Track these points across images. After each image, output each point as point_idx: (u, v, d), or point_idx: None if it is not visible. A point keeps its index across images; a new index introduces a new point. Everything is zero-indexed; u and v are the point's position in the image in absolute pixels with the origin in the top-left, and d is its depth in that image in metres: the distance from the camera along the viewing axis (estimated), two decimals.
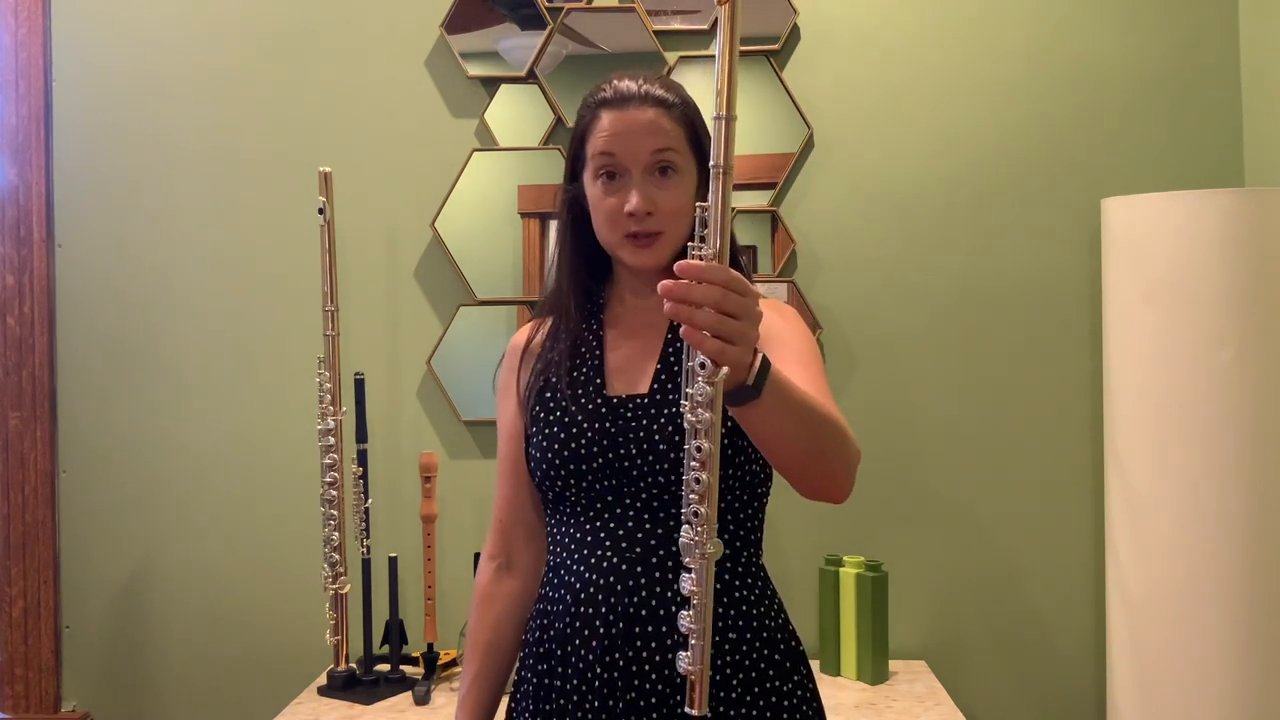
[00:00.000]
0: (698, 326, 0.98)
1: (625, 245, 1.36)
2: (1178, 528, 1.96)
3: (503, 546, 1.48)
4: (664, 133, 1.35)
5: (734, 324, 0.98)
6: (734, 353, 0.99)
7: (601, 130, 1.36)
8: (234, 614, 2.42)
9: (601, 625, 1.32)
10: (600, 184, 1.37)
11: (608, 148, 1.35)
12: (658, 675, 1.30)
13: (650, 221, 1.34)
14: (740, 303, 0.99)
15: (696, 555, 1.03)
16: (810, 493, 1.22)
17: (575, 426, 1.36)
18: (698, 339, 0.99)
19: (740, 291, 0.99)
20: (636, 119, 1.35)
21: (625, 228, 1.35)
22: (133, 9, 2.43)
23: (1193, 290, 1.94)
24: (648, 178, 1.35)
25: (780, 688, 1.34)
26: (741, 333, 0.99)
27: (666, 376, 1.37)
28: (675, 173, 1.36)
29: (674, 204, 1.35)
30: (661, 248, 1.36)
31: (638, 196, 1.33)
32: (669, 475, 1.31)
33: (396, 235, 2.41)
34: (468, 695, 1.47)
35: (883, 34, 2.36)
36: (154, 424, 2.43)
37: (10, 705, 2.42)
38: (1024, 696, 2.37)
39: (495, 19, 2.38)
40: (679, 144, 1.36)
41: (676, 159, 1.36)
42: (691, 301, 0.98)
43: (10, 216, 2.42)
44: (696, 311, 0.98)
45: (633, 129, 1.34)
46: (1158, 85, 2.34)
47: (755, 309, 1.01)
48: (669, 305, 0.99)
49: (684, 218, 1.36)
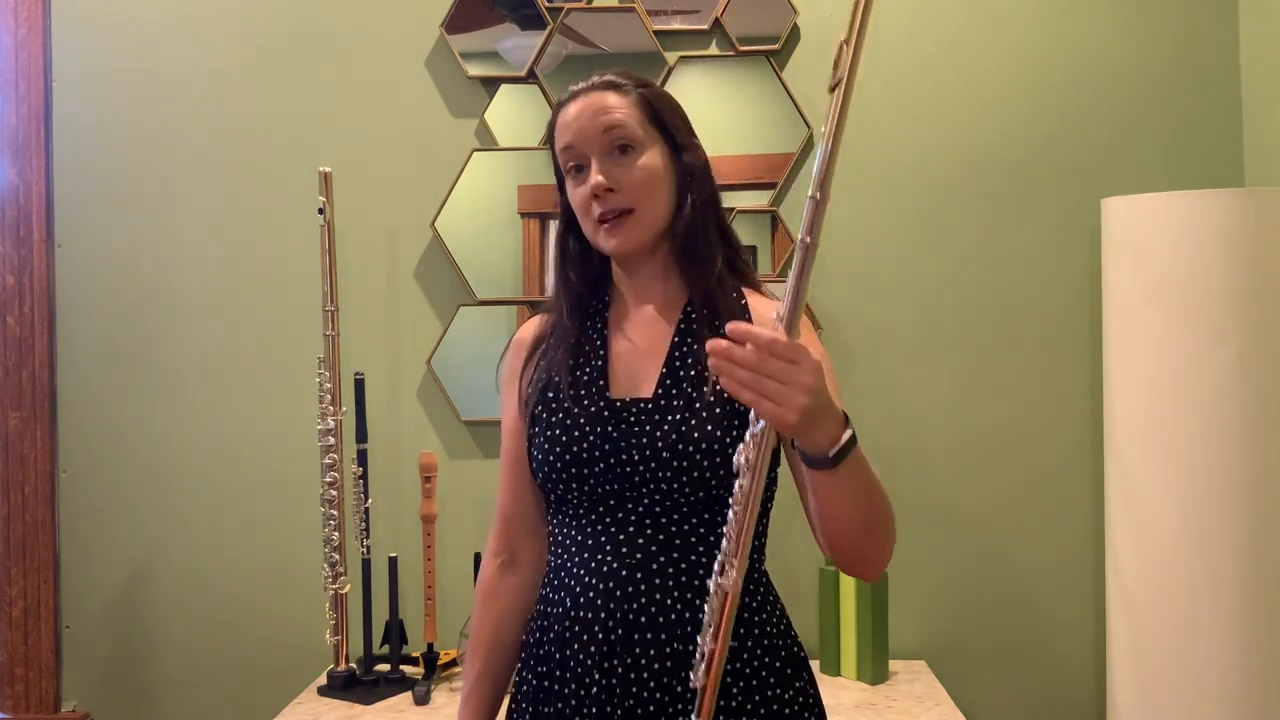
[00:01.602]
0: (734, 381, 1.04)
1: (600, 231, 1.36)
2: (1178, 527, 1.96)
3: (506, 543, 1.47)
4: (613, 110, 1.35)
5: (772, 386, 1.03)
6: (769, 408, 1.04)
7: (560, 128, 1.38)
8: (234, 614, 2.42)
9: (600, 631, 1.30)
10: (571, 179, 1.38)
11: (567, 141, 1.36)
12: (656, 684, 1.28)
13: (614, 199, 1.34)
14: (780, 368, 1.03)
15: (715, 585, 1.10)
16: (847, 565, 1.28)
17: (577, 429, 1.35)
18: (735, 390, 1.04)
19: (786, 358, 1.03)
20: (588, 104, 1.36)
21: (595, 211, 1.35)
22: (133, 9, 2.43)
23: (1193, 290, 1.94)
24: (606, 159, 1.35)
25: (781, 695, 1.33)
26: (780, 395, 1.03)
27: (671, 381, 1.35)
28: (634, 149, 1.35)
29: (636, 178, 1.34)
30: (633, 227, 1.35)
31: (596, 174, 1.34)
32: (671, 482, 1.30)
33: (396, 235, 2.41)
34: (471, 694, 1.45)
35: (883, 35, 2.36)
36: (154, 424, 2.43)
37: (10, 705, 2.42)
38: (1024, 696, 2.37)
39: (495, 19, 2.38)
40: (633, 119, 1.36)
41: (633, 134, 1.35)
42: (733, 361, 1.03)
43: (10, 216, 2.42)
44: (735, 369, 1.03)
45: (583, 115, 1.35)
46: (1158, 85, 2.34)
47: (802, 378, 1.03)
48: (712, 360, 1.05)
49: (654, 193, 1.36)
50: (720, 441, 1.30)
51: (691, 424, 1.31)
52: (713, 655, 1.12)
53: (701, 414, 1.31)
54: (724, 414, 1.30)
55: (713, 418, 1.31)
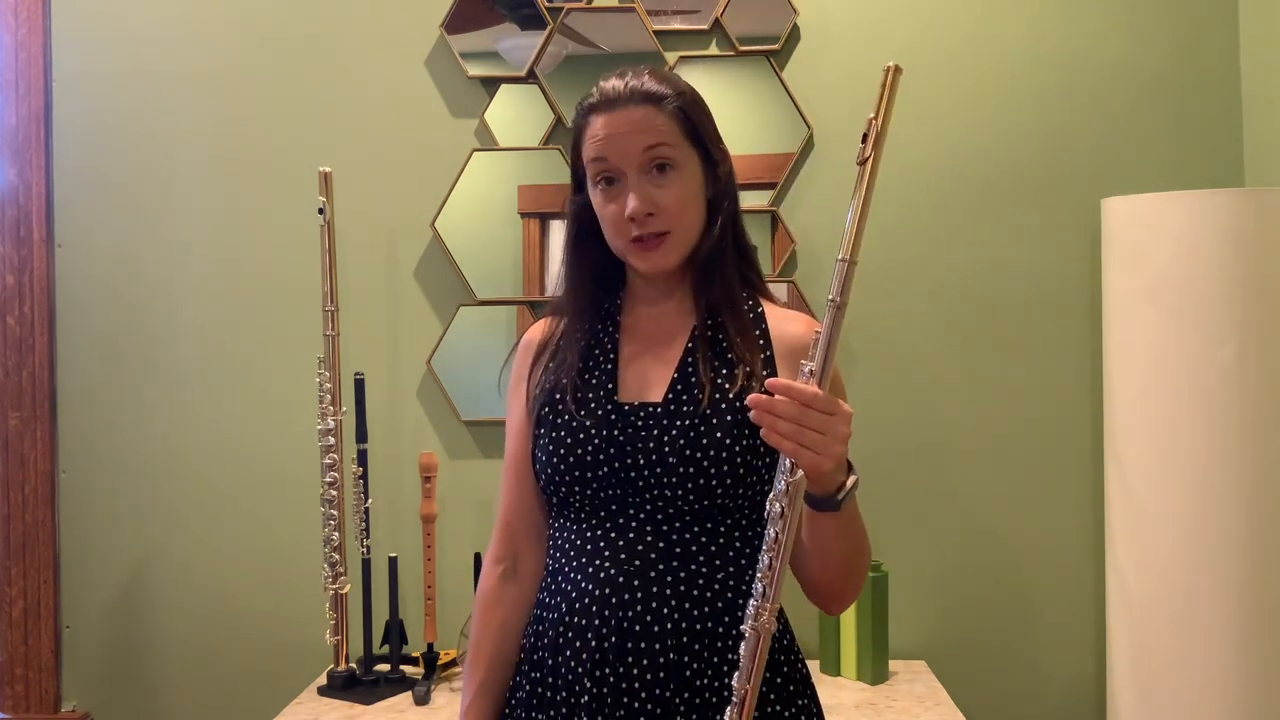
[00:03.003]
0: (776, 433, 1.09)
1: (632, 250, 1.33)
2: (1178, 527, 1.96)
3: (508, 549, 1.42)
4: (656, 130, 1.31)
5: (813, 437, 1.08)
6: (809, 458, 1.09)
7: (593, 136, 1.32)
8: (234, 614, 2.42)
9: (594, 638, 1.28)
10: (600, 191, 1.34)
11: (599, 153, 1.32)
12: (648, 694, 1.26)
13: (653, 222, 1.31)
14: (820, 420, 1.08)
15: (750, 624, 1.13)
16: (820, 600, 1.34)
17: (583, 432, 1.33)
18: (776, 441, 1.09)
19: (825, 410, 1.08)
20: (626, 119, 1.31)
21: (629, 233, 1.32)
22: (133, 9, 2.43)
23: (1193, 290, 1.94)
24: (644, 178, 1.31)
25: (783, 713, 1.31)
26: (820, 445, 1.09)
27: (683, 387, 1.33)
28: (673, 168, 1.32)
29: (675, 201, 1.32)
30: (669, 249, 1.33)
31: (635, 199, 1.30)
32: (675, 489, 1.28)
33: (396, 235, 2.41)
34: (473, 705, 1.39)
35: (883, 34, 2.36)
36: (154, 424, 2.43)
37: (10, 705, 2.42)
38: (1024, 696, 2.37)
39: (495, 19, 2.38)
40: (673, 138, 1.32)
41: (672, 154, 1.32)
42: (775, 414, 1.08)
43: (10, 216, 2.42)
44: (777, 421, 1.09)
45: (622, 130, 1.31)
46: (1158, 85, 2.34)
47: (840, 429, 1.10)
48: (754, 413, 1.09)
49: (690, 212, 1.34)
50: (729, 450, 1.28)
51: (701, 430, 1.29)
52: (745, 698, 1.14)
53: (712, 420, 1.29)
54: (734, 422, 1.29)
55: (723, 425, 1.29)
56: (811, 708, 1.35)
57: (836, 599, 1.33)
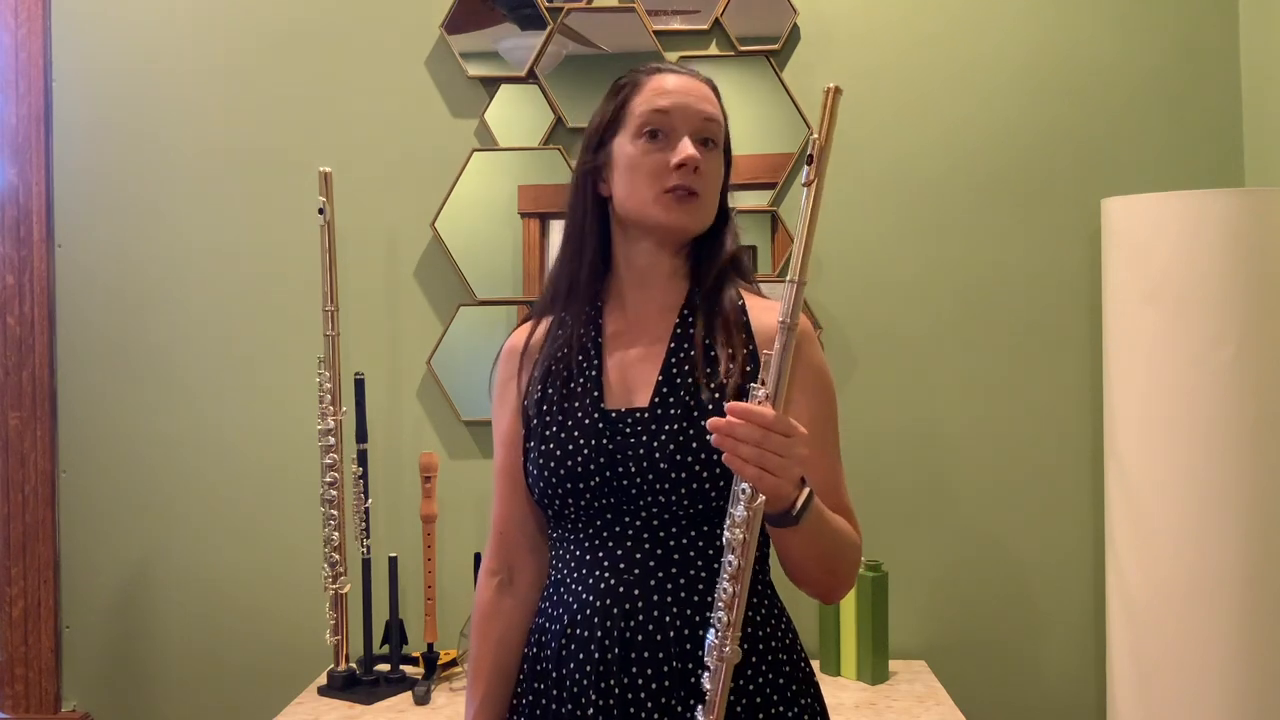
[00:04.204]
0: (739, 458, 1.09)
1: (664, 200, 1.32)
2: (1178, 527, 1.96)
3: (504, 560, 1.42)
4: (716, 105, 1.38)
5: (774, 460, 1.09)
6: (771, 482, 1.10)
7: (659, 89, 1.35)
8: (234, 614, 2.42)
9: (596, 649, 1.28)
10: (643, 141, 1.33)
11: (664, 105, 1.33)
12: (653, 703, 1.26)
13: (696, 180, 1.32)
14: (781, 442, 1.09)
15: (714, 657, 1.12)
16: (810, 594, 1.33)
17: (572, 442, 1.31)
18: (739, 466, 1.09)
19: (784, 433, 1.09)
20: (695, 86, 1.37)
21: (668, 181, 1.31)
22: (133, 9, 2.43)
23: (1193, 290, 1.94)
24: (697, 142, 1.34)
25: (785, 713, 1.30)
26: (780, 468, 1.09)
27: (669, 389, 1.31)
28: (716, 148, 1.37)
29: (714, 174, 1.36)
30: (698, 210, 1.34)
31: (692, 147, 1.32)
32: (669, 494, 1.27)
33: (396, 235, 2.41)
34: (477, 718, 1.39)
35: (882, 34, 2.37)
36: (154, 424, 2.43)
37: (10, 705, 2.42)
38: (1024, 696, 2.37)
39: (495, 19, 2.38)
40: (721, 124, 1.38)
41: (719, 135, 1.37)
42: (735, 438, 1.08)
43: (10, 216, 2.42)
44: (740, 445, 1.09)
45: (692, 93, 1.35)
46: (1158, 85, 2.34)
47: (798, 450, 1.10)
48: (715, 437, 1.10)
49: (716, 193, 1.38)
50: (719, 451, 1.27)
51: (690, 433, 1.28)
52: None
53: (700, 423, 1.28)
54: None
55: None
56: (815, 706, 1.35)
57: (828, 593, 1.33)
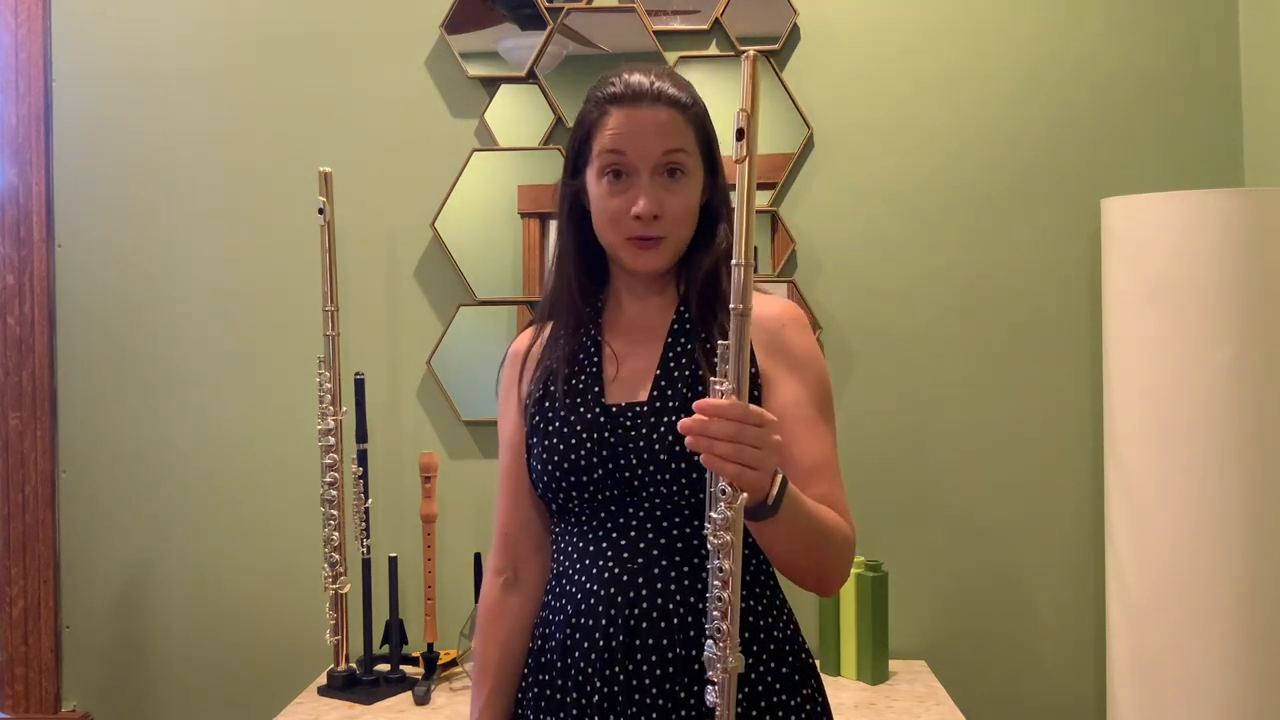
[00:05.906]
0: (717, 456, 1.06)
1: (627, 247, 1.33)
2: (1178, 528, 1.96)
3: (509, 560, 1.43)
4: (677, 134, 1.32)
5: (751, 453, 1.06)
6: (751, 477, 1.07)
7: (611, 127, 1.31)
8: (234, 614, 2.42)
9: (601, 638, 1.29)
10: (606, 182, 1.33)
11: (617, 145, 1.31)
12: (658, 690, 1.27)
13: (656, 225, 1.31)
14: (756, 434, 1.06)
15: (719, 670, 1.09)
16: (804, 587, 1.30)
17: (574, 437, 1.34)
18: (718, 465, 1.06)
19: (756, 423, 1.06)
20: (649, 118, 1.31)
21: (629, 230, 1.32)
22: (133, 9, 2.43)
23: (1193, 290, 1.94)
24: (656, 179, 1.31)
25: (788, 702, 1.32)
26: (758, 460, 1.06)
27: (666, 384, 1.34)
28: (684, 175, 1.32)
29: (681, 208, 1.33)
30: (664, 251, 1.34)
31: (646, 200, 1.30)
32: (670, 485, 1.29)
33: (396, 235, 2.41)
34: (483, 716, 1.40)
35: (883, 34, 2.36)
36: (154, 424, 2.43)
37: (10, 705, 2.42)
38: (1024, 696, 2.37)
39: (495, 19, 2.38)
40: (690, 146, 1.33)
41: (686, 161, 1.32)
42: (710, 436, 1.05)
43: (10, 216, 2.42)
44: (715, 443, 1.06)
45: (645, 128, 1.31)
46: (1158, 85, 2.34)
47: (772, 438, 1.07)
48: (690, 439, 1.07)
49: (689, 221, 1.35)
50: None
51: None
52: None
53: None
54: None
55: None
56: (816, 696, 1.36)
57: (821, 584, 1.29)
